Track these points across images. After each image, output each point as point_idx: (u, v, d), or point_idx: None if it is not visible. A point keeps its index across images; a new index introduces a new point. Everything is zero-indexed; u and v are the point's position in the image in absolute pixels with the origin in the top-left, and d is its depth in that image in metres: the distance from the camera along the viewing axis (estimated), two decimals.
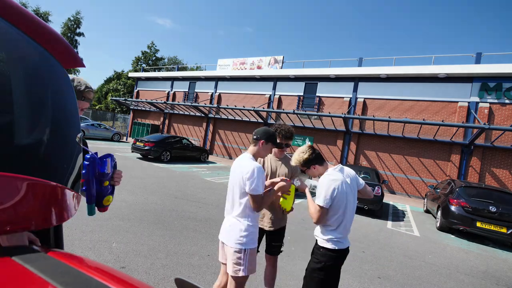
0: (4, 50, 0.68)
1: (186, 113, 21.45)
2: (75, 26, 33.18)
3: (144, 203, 5.64)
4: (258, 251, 2.61)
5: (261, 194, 1.89)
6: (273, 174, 2.52)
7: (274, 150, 2.53)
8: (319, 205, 1.95)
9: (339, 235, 1.99)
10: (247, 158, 2.02)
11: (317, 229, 2.11)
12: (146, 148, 12.48)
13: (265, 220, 2.49)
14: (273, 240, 2.56)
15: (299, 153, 2.16)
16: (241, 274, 1.88)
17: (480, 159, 11.84)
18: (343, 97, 15.46)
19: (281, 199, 2.27)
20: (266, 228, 2.50)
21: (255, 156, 2.09)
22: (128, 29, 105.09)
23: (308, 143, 2.22)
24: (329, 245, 1.99)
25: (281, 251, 2.64)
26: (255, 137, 2.09)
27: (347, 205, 2.00)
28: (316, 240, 2.12)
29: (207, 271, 3.22)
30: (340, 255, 2.02)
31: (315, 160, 2.13)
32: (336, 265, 2.03)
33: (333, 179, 1.99)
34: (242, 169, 1.93)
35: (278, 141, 2.44)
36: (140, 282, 0.61)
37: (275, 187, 2.19)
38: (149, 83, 26.19)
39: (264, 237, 2.58)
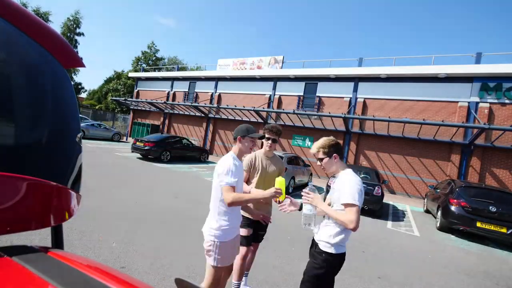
0: (4, 50, 0.68)
1: (186, 113, 21.46)
2: (74, 26, 33.14)
3: (144, 203, 5.64)
4: (251, 242, 2.73)
5: (230, 187, 1.95)
6: (264, 171, 2.77)
7: (265, 148, 2.81)
8: (355, 204, 1.77)
9: (346, 238, 1.92)
10: (227, 156, 2.11)
11: (324, 233, 1.96)
12: (146, 148, 12.48)
13: (251, 211, 2.67)
14: (259, 229, 2.83)
15: (325, 139, 2.06)
16: (211, 263, 2.00)
17: (480, 159, 11.85)
18: (343, 97, 15.46)
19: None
20: (252, 218, 2.69)
21: (239, 154, 2.19)
22: (130, 29, 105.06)
23: (331, 137, 2.23)
24: (332, 250, 1.90)
25: (263, 238, 2.92)
26: (234, 136, 2.21)
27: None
28: (317, 244, 2.00)
29: None
30: (342, 259, 1.96)
31: (338, 150, 2.02)
32: (337, 269, 1.98)
33: (358, 181, 1.88)
34: (218, 166, 2.05)
35: (266, 135, 2.75)
36: (140, 282, 0.61)
37: (266, 194, 2.30)
38: (149, 83, 26.19)
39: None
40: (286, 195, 2.19)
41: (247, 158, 2.79)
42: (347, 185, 1.84)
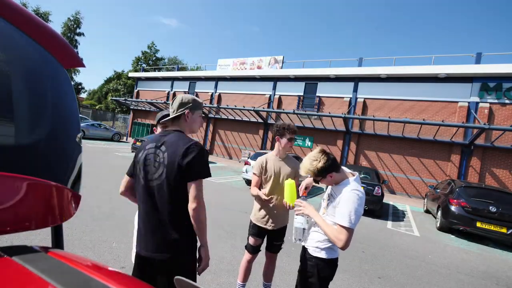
0: (4, 50, 0.68)
1: None
2: (75, 26, 33.18)
3: None
4: (259, 250, 2.63)
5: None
6: (277, 175, 2.49)
7: (285, 144, 2.51)
8: (348, 227, 1.63)
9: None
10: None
11: (314, 238, 1.86)
12: None
13: (267, 220, 2.50)
14: (275, 239, 2.61)
15: (311, 161, 1.77)
16: None
17: (480, 159, 11.85)
18: (343, 97, 15.46)
19: (286, 193, 2.20)
20: (269, 228, 2.52)
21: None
22: (132, 29, 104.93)
23: (318, 147, 1.92)
24: (323, 255, 1.78)
25: (281, 248, 2.69)
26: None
27: None
28: (307, 249, 1.88)
29: (207, 271, 3.22)
30: (334, 265, 1.83)
31: (331, 168, 1.76)
32: (329, 276, 1.83)
33: (360, 196, 1.68)
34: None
35: (289, 137, 2.46)
36: (140, 282, 0.61)
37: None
38: (149, 83, 26.19)
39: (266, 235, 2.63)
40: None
41: (258, 162, 2.57)
42: (345, 203, 1.66)
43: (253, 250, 2.59)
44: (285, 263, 3.73)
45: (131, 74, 30.50)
